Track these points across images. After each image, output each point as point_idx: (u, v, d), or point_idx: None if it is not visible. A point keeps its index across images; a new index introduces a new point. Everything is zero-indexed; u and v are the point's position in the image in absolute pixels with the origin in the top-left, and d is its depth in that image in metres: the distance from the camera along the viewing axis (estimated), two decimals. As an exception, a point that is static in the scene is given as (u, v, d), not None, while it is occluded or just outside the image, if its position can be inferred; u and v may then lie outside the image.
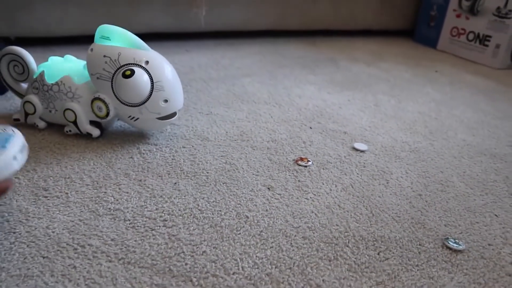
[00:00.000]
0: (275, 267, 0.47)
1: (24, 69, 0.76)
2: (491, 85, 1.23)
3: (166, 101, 0.68)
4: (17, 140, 0.47)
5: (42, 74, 0.72)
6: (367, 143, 0.79)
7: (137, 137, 0.74)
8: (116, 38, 0.68)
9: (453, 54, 1.50)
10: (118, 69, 0.66)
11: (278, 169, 0.67)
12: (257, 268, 0.47)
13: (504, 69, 1.39)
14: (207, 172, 0.65)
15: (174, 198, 0.58)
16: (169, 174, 0.64)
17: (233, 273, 0.46)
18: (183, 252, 0.48)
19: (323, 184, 0.65)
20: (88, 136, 0.72)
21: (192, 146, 0.72)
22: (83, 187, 0.59)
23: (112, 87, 0.67)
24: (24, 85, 0.79)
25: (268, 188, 0.62)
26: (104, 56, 0.67)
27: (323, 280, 0.46)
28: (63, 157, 0.66)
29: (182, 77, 1.04)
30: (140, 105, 0.67)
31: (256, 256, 0.49)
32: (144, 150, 0.70)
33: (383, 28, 1.64)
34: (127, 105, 0.68)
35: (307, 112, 0.91)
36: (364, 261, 0.50)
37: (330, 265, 0.48)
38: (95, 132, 0.72)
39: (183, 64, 1.15)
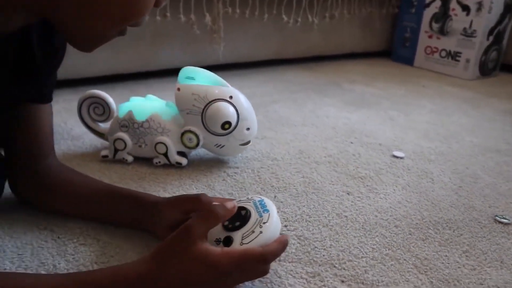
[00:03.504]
0: (388, 249, 0.62)
1: (104, 110, 0.86)
2: (470, 94, 1.46)
3: (248, 129, 0.81)
4: (268, 201, 0.53)
5: (130, 114, 0.82)
6: (401, 151, 0.95)
7: (217, 162, 0.86)
8: (200, 78, 0.81)
9: (429, 69, 1.74)
10: (207, 104, 0.78)
11: (346, 178, 0.82)
12: (376, 251, 0.61)
13: (475, 79, 1.63)
14: (294, 186, 0.78)
15: (282, 208, 0.70)
16: (264, 190, 0.76)
17: (362, 257, 0.60)
18: (316, 247, 0.61)
19: (386, 186, 0.80)
20: (177, 165, 0.83)
21: (268, 166, 0.85)
22: (204, 207, 0.70)
23: (202, 120, 0.79)
24: (102, 125, 0.88)
25: (348, 193, 0.76)
26: (193, 94, 0.79)
27: (426, 254, 0.61)
28: (166, 185, 0.77)
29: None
30: (228, 134, 0.80)
31: (370, 243, 0.63)
32: (231, 173, 0.82)
33: (364, 51, 1.86)
34: (217, 135, 0.80)
35: (341, 130, 1.06)
36: (447, 238, 0.65)
37: (425, 243, 0.63)
38: (184, 161, 0.83)
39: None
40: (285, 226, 0.66)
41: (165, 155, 0.82)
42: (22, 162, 0.65)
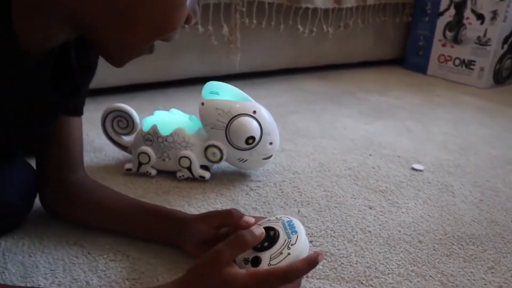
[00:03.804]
0: (413, 265, 0.62)
1: (128, 123, 0.87)
2: (485, 103, 1.46)
3: (271, 143, 0.82)
4: (297, 222, 0.54)
5: (155, 128, 0.84)
6: (420, 163, 0.96)
7: (239, 176, 0.87)
8: (224, 93, 0.82)
9: (443, 78, 1.74)
10: (231, 119, 0.80)
11: (367, 192, 0.83)
12: (402, 267, 0.62)
13: (489, 88, 1.63)
14: (316, 200, 0.79)
15: (307, 223, 0.71)
16: (287, 204, 0.77)
17: (388, 273, 0.60)
18: (343, 263, 0.62)
19: (407, 200, 0.81)
20: (200, 179, 0.84)
21: (290, 180, 0.86)
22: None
23: (226, 135, 0.80)
24: (125, 138, 0.90)
25: (370, 208, 0.77)
26: (217, 108, 0.80)
27: (452, 271, 0.62)
28: (191, 199, 0.79)
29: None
30: (251, 148, 0.81)
31: (395, 259, 0.63)
32: (253, 187, 0.83)
33: (377, 59, 1.87)
34: (241, 150, 0.81)
35: (359, 141, 1.07)
36: (471, 254, 0.66)
37: (450, 259, 0.64)
38: (207, 174, 0.84)
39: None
40: (311, 241, 0.67)
41: (189, 169, 0.83)
42: (53, 174, 0.66)
